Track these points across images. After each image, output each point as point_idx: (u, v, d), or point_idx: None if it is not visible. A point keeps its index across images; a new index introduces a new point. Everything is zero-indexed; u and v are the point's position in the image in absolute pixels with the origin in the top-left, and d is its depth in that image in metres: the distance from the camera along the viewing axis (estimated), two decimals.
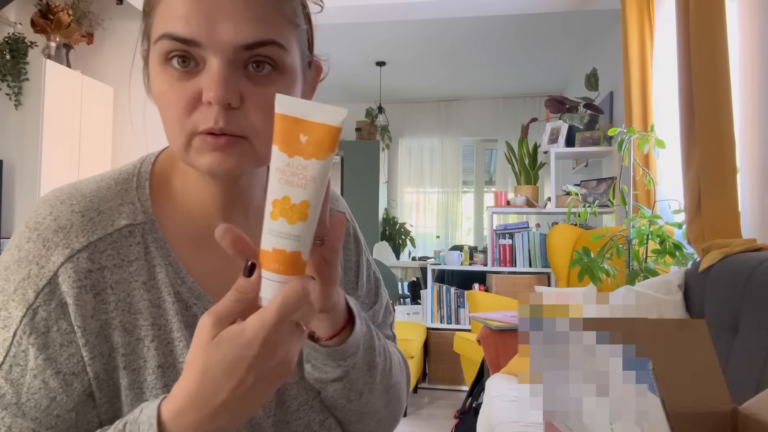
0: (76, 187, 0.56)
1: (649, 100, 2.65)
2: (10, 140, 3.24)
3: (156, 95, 0.52)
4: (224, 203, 0.60)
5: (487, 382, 2.28)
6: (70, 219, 0.53)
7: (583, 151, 3.76)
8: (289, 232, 0.43)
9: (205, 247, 0.59)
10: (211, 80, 0.49)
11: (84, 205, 0.54)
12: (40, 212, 0.54)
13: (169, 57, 0.50)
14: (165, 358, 0.54)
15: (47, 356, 0.50)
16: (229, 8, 0.49)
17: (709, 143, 1.77)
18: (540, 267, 3.80)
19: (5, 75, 3.19)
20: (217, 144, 0.50)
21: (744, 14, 1.82)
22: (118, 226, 0.55)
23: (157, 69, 0.51)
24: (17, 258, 0.52)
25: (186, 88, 0.50)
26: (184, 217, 0.59)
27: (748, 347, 1.33)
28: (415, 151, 6.89)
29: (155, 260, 0.56)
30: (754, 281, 1.38)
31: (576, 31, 4.44)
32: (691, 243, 1.92)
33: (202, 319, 0.43)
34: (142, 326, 0.53)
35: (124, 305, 0.53)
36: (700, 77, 1.80)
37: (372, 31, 4.51)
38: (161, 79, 0.51)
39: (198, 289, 0.58)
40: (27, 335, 0.50)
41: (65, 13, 3.36)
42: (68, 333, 0.51)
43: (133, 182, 0.58)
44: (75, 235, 0.52)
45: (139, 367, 0.53)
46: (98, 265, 0.52)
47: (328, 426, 0.63)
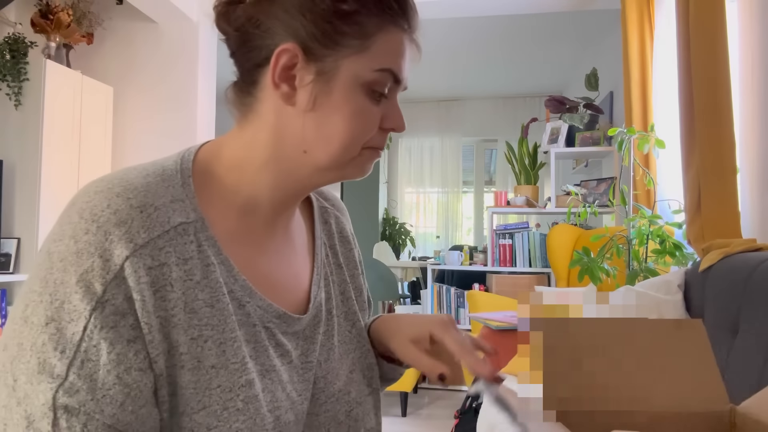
0: (127, 180, 0.55)
1: (649, 100, 2.65)
2: (10, 140, 3.24)
3: (348, 110, 0.57)
4: (281, 204, 0.64)
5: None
6: (130, 214, 0.52)
7: (583, 151, 3.76)
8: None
9: (250, 243, 0.62)
10: (400, 115, 0.61)
11: (141, 200, 0.53)
12: (96, 204, 0.52)
13: (377, 85, 0.58)
14: (218, 358, 0.54)
15: (119, 351, 0.49)
16: (411, 55, 0.61)
17: (709, 143, 1.77)
18: (540, 267, 3.80)
19: (5, 75, 3.19)
20: (379, 156, 0.63)
21: (744, 14, 1.82)
22: (174, 224, 0.54)
23: (360, 89, 0.57)
24: (75, 250, 0.50)
25: (377, 113, 0.59)
26: (231, 213, 0.61)
27: (748, 347, 1.33)
28: (415, 151, 6.89)
29: (209, 259, 0.56)
30: (754, 281, 1.38)
31: (576, 31, 4.44)
32: (691, 243, 1.92)
33: None
34: (196, 326, 0.53)
35: (181, 304, 0.53)
36: (700, 77, 1.80)
37: None
38: (363, 98, 0.58)
39: (250, 286, 0.59)
40: (98, 329, 0.48)
41: (65, 13, 3.36)
42: (134, 328, 0.50)
43: (178, 179, 0.58)
44: (137, 230, 0.51)
45: (194, 366, 0.53)
46: (158, 261, 0.52)
47: (354, 416, 0.67)
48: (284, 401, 0.58)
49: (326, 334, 0.68)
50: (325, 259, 0.72)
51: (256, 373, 0.57)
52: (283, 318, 0.61)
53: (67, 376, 0.47)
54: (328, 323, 0.68)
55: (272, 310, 0.60)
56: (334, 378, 0.66)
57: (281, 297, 0.63)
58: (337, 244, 0.75)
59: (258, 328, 0.58)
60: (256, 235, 0.63)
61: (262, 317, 0.59)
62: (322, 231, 0.74)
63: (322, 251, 0.72)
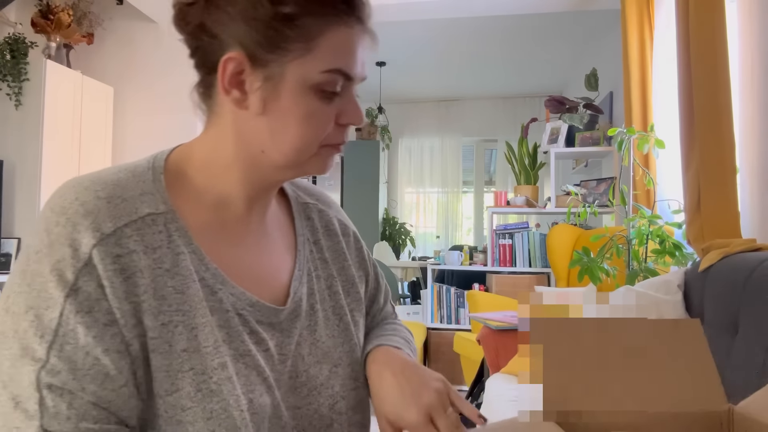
0: (97, 176, 0.58)
1: (649, 100, 2.65)
2: (10, 140, 3.24)
3: (298, 113, 0.58)
4: (251, 200, 0.65)
5: (487, 382, 2.28)
6: (97, 204, 0.54)
7: (582, 151, 3.76)
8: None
9: (223, 237, 0.63)
10: (358, 109, 0.61)
11: (108, 192, 0.56)
12: (65, 197, 0.55)
13: (326, 86, 0.57)
14: (189, 342, 0.55)
15: (95, 334, 0.51)
16: (364, 48, 0.60)
17: (708, 143, 1.77)
18: (540, 267, 3.80)
19: (5, 75, 3.19)
20: (338, 152, 0.63)
21: (744, 14, 1.82)
22: (142, 214, 0.56)
23: (308, 92, 0.57)
24: (48, 242, 0.52)
25: (332, 110, 0.59)
26: (202, 208, 0.62)
27: (748, 347, 1.33)
28: (415, 151, 6.89)
29: (179, 248, 0.58)
30: (754, 281, 1.38)
31: (576, 31, 4.44)
32: (690, 243, 1.92)
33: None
34: (166, 312, 0.55)
35: (150, 290, 0.54)
36: (700, 77, 1.80)
37: None
38: (312, 101, 0.58)
39: (221, 274, 0.60)
40: (74, 314, 0.51)
41: (65, 14, 3.36)
42: (109, 313, 0.52)
43: (149, 175, 0.60)
44: (103, 220, 0.54)
45: (165, 351, 0.55)
46: (126, 249, 0.54)
47: (338, 410, 0.67)
48: (259, 384, 0.59)
49: (309, 328, 0.68)
50: (309, 255, 0.73)
51: (230, 356, 0.58)
52: (257, 307, 0.62)
53: (48, 359, 0.49)
54: (311, 318, 0.69)
55: (245, 297, 0.61)
56: (317, 372, 0.67)
57: (258, 288, 0.64)
58: (321, 239, 0.76)
59: (231, 314, 0.60)
60: (230, 229, 0.64)
61: (235, 304, 0.60)
62: (304, 227, 0.74)
63: (305, 248, 0.72)
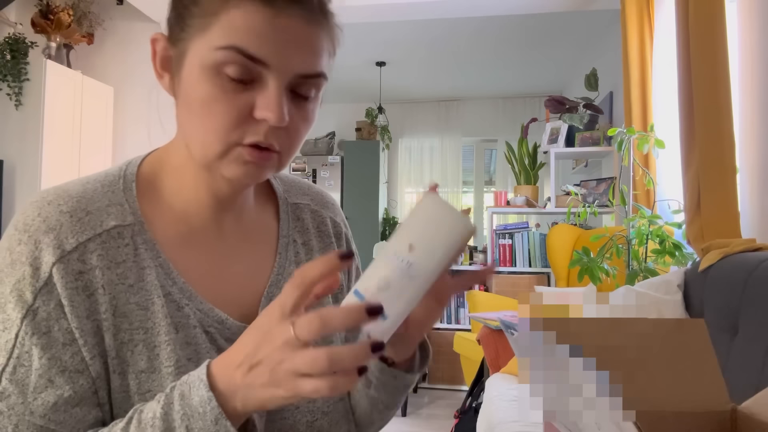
0: (62, 188, 0.56)
1: (649, 100, 2.65)
2: (10, 140, 3.24)
3: (196, 99, 0.52)
4: (219, 205, 0.61)
5: (487, 381, 2.28)
6: (59, 219, 0.53)
7: (582, 151, 3.76)
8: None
9: (194, 246, 0.60)
10: (273, 102, 0.51)
11: (71, 206, 0.54)
12: (28, 214, 0.53)
13: (226, 67, 0.50)
14: (150, 362, 0.54)
15: (51, 355, 0.50)
16: (300, 37, 0.52)
17: (708, 143, 1.77)
18: (540, 267, 3.80)
19: (5, 75, 3.19)
20: (260, 157, 0.53)
21: (744, 14, 1.82)
22: (107, 227, 0.54)
23: (205, 73, 0.51)
24: (9, 261, 0.51)
25: (239, 99, 0.51)
26: (173, 217, 0.59)
27: (748, 347, 1.33)
28: (415, 151, 6.89)
29: (144, 262, 0.55)
30: (754, 281, 1.38)
31: (576, 31, 4.44)
32: (690, 243, 1.92)
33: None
34: (126, 330, 0.53)
35: (111, 308, 0.53)
36: (700, 77, 1.80)
37: (372, 31, 4.51)
38: (210, 84, 0.51)
39: (189, 289, 0.58)
40: (29, 336, 0.50)
41: (65, 14, 3.36)
42: (69, 332, 0.51)
43: (120, 184, 0.58)
44: (65, 236, 0.52)
45: (124, 371, 0.53)
46: (89, 265, 0.52)
47: (318, 427, 0.63)
48: None
49: None
50: (293, 257, 0.68)
51: None
52: (226, 324, 0.59)
53: (0, 381, 0.49)
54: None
55: (213, 314, 0.59)
56: None
57: (228, 303, 0.61)
58: (312, 240, 0.71)
59: (198, 331, 0.57)
60: (200, 238, 0.61)
61: (202, 320, 0.58)
62: (292, 228, 0.69)
63: (289, 250, 0.68)
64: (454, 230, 0.48)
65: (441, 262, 0.48)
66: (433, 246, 0.47)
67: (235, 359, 0.45)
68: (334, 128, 6.37)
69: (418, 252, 0.47)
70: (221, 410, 0.44)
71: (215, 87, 0.51)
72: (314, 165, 6.07)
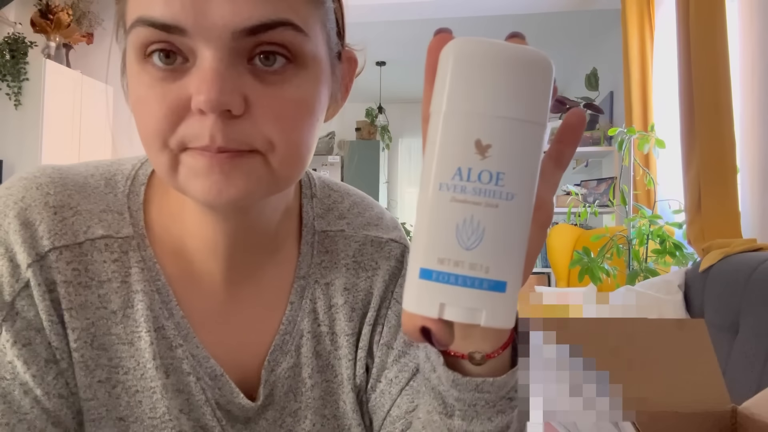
0: (63, 173, 0.46)
1: (649, 100, 2.65)
2: (10, 140, 3.23)
3: (132, 102, 0.40)
4: (227, 242, 0.47)
5: None
6: (41, 213, 0.43)
7: (583, 151, 3.76)
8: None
9: (198, 279, 0.48)
10: (202, 79, 0.36)
11: (60, 199, 0.44)
12: (12, 193, 0.43)
13: (149, 52, 0.38)
14: (130, 410, 0.44)
15: (34, 373, 0.42)
16: None
17: (709, 143, 1.77)
18: (540, 267, 3.80)
19: (5, 75, 3.18)
20: (214, 163, 0.38)
21: (744, 14, 1.82)
22: (92, 236, 0.44)
23: (134, 68, 0.39)
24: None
25: (171, 91, 0.38)
26: (183, 237, 0.48)
27: (748, 347, 1.33)
28: (415, 151, 6.88)
29: (136, 285, 0.45)
30: (755, 281, 1.38)
31: (576, 31, 4.44)
32: (691, 243, 1.92)
33: None
34: (105, 366, 0.43)
35: (86, 336, 0.43)
36: (700, 77, 1.79)
37: (372, 31, 4.51)
38: (139, 80, 0.39)
39: (187, 326, 0.46)
40: (11, 345, 0.41)
41: (65, 13, 3.36)
42: (48, 348, 0.42)
43: (126, 186, 0.48)
44: (41, 235, 0.42)
45: (100, 416, 0.43)
46: (62, 277, 0.42)
47: None
48: None
49: (296, 414, 0.50)
50: (308, 304, 0.52)
51: (189, 429, 0.45)
52: (218, 382, 0.47)
53: None
54: (300, 398, 0.51)
55: (207, 365, 0.47)
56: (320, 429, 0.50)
57: (230, 354, 0.49)
58: (342, 276, 0.54)
59: (191, 378, 0.46)
60: (200, 274, 0.48)
61: (195, 369, 0.46)
62: (314, 266, 0.53)
63: (305, 296, 0.52)
64: (532, 78, 0.28)
65: (536, 143, 0.29)
66: (517, 125, 0.28)
67: None
68: (334, 128, 6.37)
69: (498, 148, 0.28)
70: None
71: (143, 80, 0.38)
72: (314, 165, 6.07)
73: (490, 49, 0.28)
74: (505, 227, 0.28)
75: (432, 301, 0.28)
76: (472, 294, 0.28)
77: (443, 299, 0.28)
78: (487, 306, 0.28)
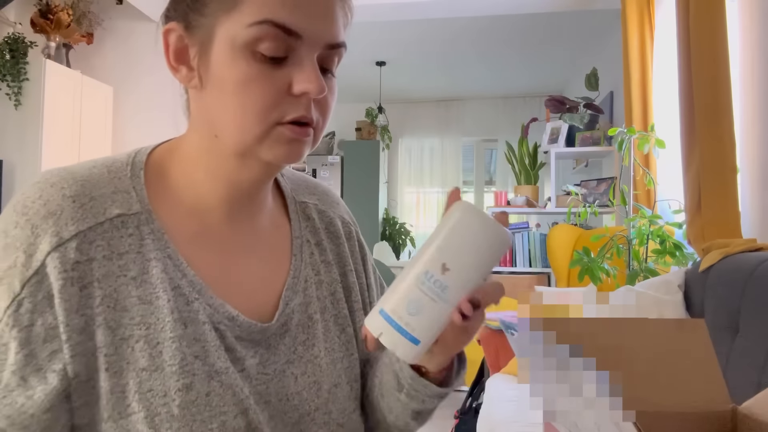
0: (68, 171, 0.53)
1: (649, 100, 2.65)
2: (10, 140, 3.24)
3: (231, 81, 0.50)
4: (235, 201, 0.58)
5: (487, 382, 2.28)
6: (61, 204, 0.50)
7: (583, 151, 3.76)
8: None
9: (206, 242, 0.57)
10: (312, 74, 0.50)
11: (75, 190, 0.51)
12: (28, 195, 0.50)
13: (260, 44, 0.49)
14: (152, 360, 0.50)
15: (29, 352, 0.47)
16: (326, 5, 0.52)
17: (709, 143, 1.77)
18: (540, 267, 3.80)
19: (5, 75, 3.18)
20: (302, 133, 0.52)
21: (744, 14, 1.82)
22: (110, 215, 0.51)
23: (238, 53, 0.49)
24: (4, 244, 0.49)
25: (276, 77, 0.50)
26: (183, 210, 0.57)
27: (748, 347, 1.33)
28: (415, 151, 6.89)
29: (150, 254, 0.52)
30: (755, 281, 1.38)
31: (576, 31, 4.44)
32: (691, 243, 1.92)
33: None
34: (127, 325, 0.50)
35: (109, 301, 0.50)
36: (700, 77, 1.79)
37: (372, 31, 4.51)
38: (245, 64, 0.49)
39: (200, 282, 0.54)
40: (10, 328, 0.47)
41: (65, 13, 3.36)
42: (52, 328, 0.48)
43: (127, 171, 0.55)
44: (65, 222, 0.49)
45: (122, 369, 0.50)
46: (86, 256, 0.49)
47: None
48: (233, 406, 0.53)
49: (305, 344, 0.61)
50: (308, 258, 0.65)
51: (204, 374, 0.52)
52: (237, 321, 0.56)
53: None
54: (308, 331, 0.62)
55: (224, 310, 0.55)
56: (312, 395, 0.59)
57: (242, 301, 0.58)
58: (324, 240, 0.68)
59: (207, 327, 0.54)
60: (213, 236, 0.58)
61: (212, 316, 0.54)
62: (304, 229, 0.67)
63: (303, 251, 0.65)
64: (492, 247, 0.47)
65: (476, 283, 0.48)
66: (469, 266, 0.47)
67: None
68: (334, 128, 6.37)
69: (453, 274, 0.46)
70: None
71: (251, 67, 0.49)
72: (314, 165, 6.08)
73: (478, 220, 0.47)
74: (434, 314, 0.47)
75: (377, 328, 0.48)
76: (399, 337, 0.47)
77: (383, 331, 0.48)
78: (405, 347, 0.47)
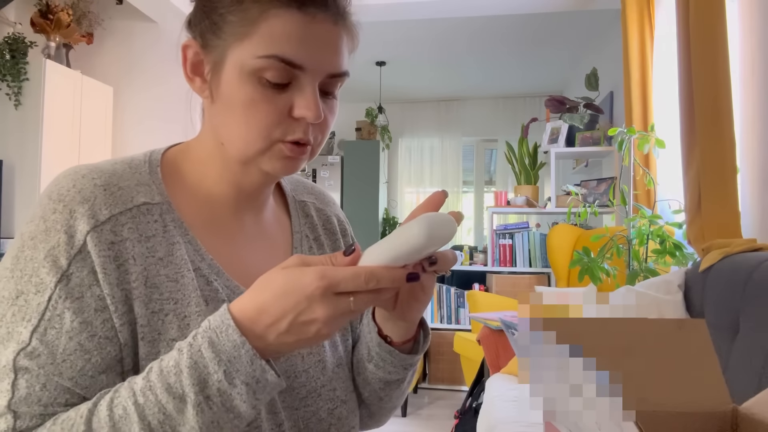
0: (94, 165, 0.59)
1: (649, 100, 2.65)
2: (10, 140, 3.23)
3: (238, 101, 0.56)
4: (241, 199, 0.65)
5: (487, 382, 2.28)
6: (94, 192, 0.55)
7: (583, 151, 3.76)
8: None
9: (218, 232, 0.64)
10: (311, 102, 0.56)
11: (105, 180, 0.57)
12: (62, 185, 0.55)
13: (266, 72, 0.55)
14: (180, 331, 0.56)
15: (83, 320, 0.52)
16: (329, 39, 0.57)
17: (709, 143, 1.77)
18: (540, 267, 3.80)
19: (5, 75, 3.18)
20: (299, 152, 0.58)
21: (744, 14, 1.82)
22: (137, 203, 0.57)
23: (245, 78, 0.55)
24: (44, 228, 0.53)
25: (279, 101, 0.56)
26: (197, 203, 0.63)
27: (748, 347, 1.33)
28: (415, 151, 6.88)
29: (174, 238, 0.58)
30: (754, 281, 1.38)
31: (576, 31, 4.44)
32: (691, 243, 1.92)
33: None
34: (157, 300, 0.56)
35: (142, 279, 0.55)
36: (700, 77, 1.79)
37: (372, 31, 4.51)
38: (251, 88, 0.55)
39: (217, 266, 0.61)
40: (63, 299, 0.52)
41: (65, 13, 3.36)
42: (101, 299, 0.53)
43: (146, 167, 0.61)
44: (99, 207, 0.54)
45: (154, 339, 0.55)
46: (120, 237, 0.55)
47: (338, 415, 0.66)
48: None
49: None
50: (308, 251, 0.73)
51: None
52: None
53: (30, 341, 0.51)
54: None
55: (239, 291, 0.61)
56: (318, 372, 0.66)
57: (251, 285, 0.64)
58: (322, 236, 0.76)
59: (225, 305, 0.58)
60: (223, 226, 0.65)
61: (230, 296, 0.60)
62: (303, 225, 0.74)
63: (303, 245, 0.72)
64: (401, 237, 0.51)
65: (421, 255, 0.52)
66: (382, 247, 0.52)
67: (265, 319, 0.48)
68: (334, 128, 6.36)
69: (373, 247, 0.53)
70: (255, 352, 0.48)
71: (256, 91, 0.55)
72: (314, 165, 6.07)
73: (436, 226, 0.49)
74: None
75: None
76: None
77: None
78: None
